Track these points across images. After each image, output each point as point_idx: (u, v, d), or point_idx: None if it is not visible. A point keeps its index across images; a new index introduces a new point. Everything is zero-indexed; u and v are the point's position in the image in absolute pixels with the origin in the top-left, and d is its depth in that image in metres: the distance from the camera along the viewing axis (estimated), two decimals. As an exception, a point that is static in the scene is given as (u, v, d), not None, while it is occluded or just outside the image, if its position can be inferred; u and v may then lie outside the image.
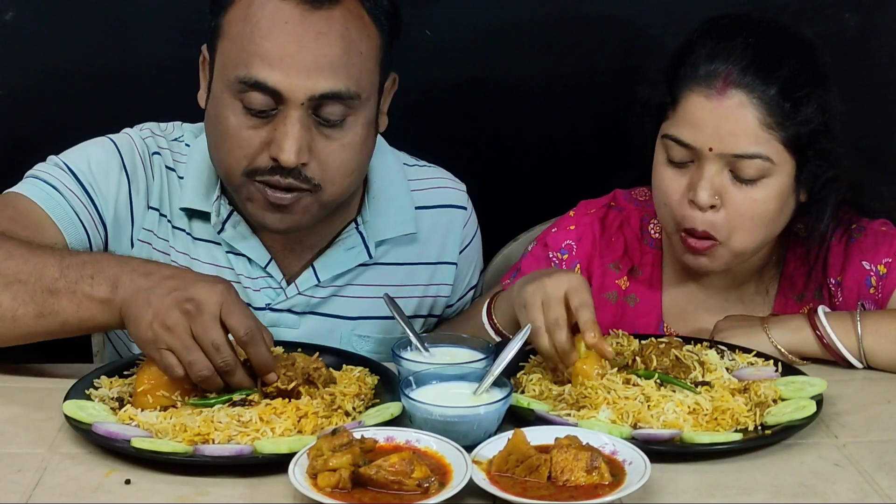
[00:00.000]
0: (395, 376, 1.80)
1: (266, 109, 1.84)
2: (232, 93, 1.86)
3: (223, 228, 2.01)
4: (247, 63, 1.83)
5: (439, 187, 2.16)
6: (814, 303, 2.06)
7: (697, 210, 1.94)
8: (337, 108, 1.86)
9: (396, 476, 1.47)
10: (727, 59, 1.91)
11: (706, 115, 1.91)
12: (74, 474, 1.57)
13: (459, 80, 2.50)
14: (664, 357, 1.79)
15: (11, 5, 2.40)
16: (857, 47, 2.50)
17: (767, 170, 1.92)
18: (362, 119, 1.90)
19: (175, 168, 2.04)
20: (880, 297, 2.05)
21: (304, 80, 1.82)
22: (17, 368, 1.90)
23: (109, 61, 2.44)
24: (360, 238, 2.06)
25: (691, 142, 1.93)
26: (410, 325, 1.87)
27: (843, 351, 1.91)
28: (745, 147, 1.90)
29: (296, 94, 1.83)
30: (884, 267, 2.05)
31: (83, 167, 1.97)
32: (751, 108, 1.90)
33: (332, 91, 1.84)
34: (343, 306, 2.08)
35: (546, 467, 1.51)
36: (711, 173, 1.92)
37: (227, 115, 1.87)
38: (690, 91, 1.93)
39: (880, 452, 1.65)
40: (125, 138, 2.04)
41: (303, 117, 1.84)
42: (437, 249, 2.14)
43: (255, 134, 1.86)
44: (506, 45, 2.48)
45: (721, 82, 1.90)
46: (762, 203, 1.93)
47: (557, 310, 1.77)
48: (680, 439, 1.63)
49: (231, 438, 1.61)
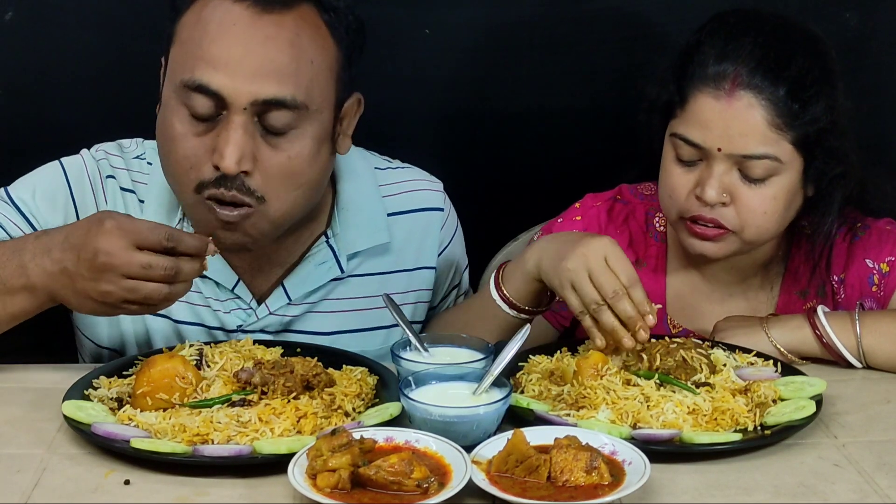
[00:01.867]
0: (395, 376, 1.79)
1: (210, 115, 1.79)
2: (178, 98, 1.81)
3: None
4: (192, 67, 1.79)
5: (413, 190, 2.10)
6: (816, 300, 2.07)
7: (705, 204, 1.95)
8: (282, 116, 1.80)
9: (396, 476, 1.47)
10: (736, 59, 1.92)
11: (715, 115, 1.92)
12: (73, 475, 1.57)
13: (459, 80, 2.50)
14: (669, 357, 1.78)
15: (11, 5, 2.40)
16: (858, 46, 2.50)
17: (776, 169, 1.93)
18: (311, 132, 1.84)
19: (134, 189, 1.99)
20: (883, 294, 2.06)
21: (247, 85, 1.77)
22: (17, 368, 1.90)
23: (109, 61, 2.44)
24: (330, 252, 2.00)
25: (700, 142, 1.93)
26: (410, 325, 1.86)
27: (842, 350, 1.91)
28: (753, 148, 1.91)
29: (238, 99, 1.77)
30: (887, 265, 2.06)
31: (27, 198, 1.94)
32: (759, 109, 1.90)
33: (277, 98, 1.79)
34: (318, 322, 2.03)
35: (546, 467, 1.51)
36: (720, 172, 1.93)
37: (174, 121, 1.82)
38: (699, 91, 1.93)
39: (880, 452, 1.65)
40: (76, 163, 1.99)
41: (246, 123, 1.78)
42: (414, 255, 2.08)
43: (200, 142, 1.80)
44: (506, 44, 2.48)
45: (730, 83, 1.91)
46: (771, 200, 1.95)
47: (611, 279, 1.77)
48: (679, 439, 1.63)
49: (230, 439, 1.61)
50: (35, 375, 1.88)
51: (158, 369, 1.70)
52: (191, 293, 1.96)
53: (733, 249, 2.00)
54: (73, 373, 1.81)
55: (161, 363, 1.71)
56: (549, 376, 1.82)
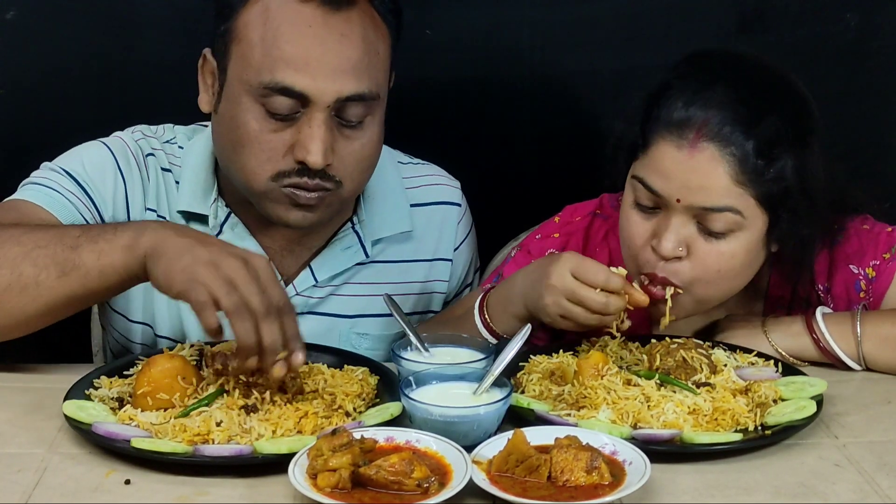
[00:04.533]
0: (395, 376, 1.80)
1: (290, 113, 1.85)
2: (253, 97, 1.85)
3: (221, 231, 2.01)
4: (271, 68, 1.83)
5: (434, 184, 2.17)
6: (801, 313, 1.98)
7: (660, 258, 1.87)
8: (359, 110, 1.87)
9: (396, 476, 1.47)
10: (704, 107, 1.81)
11: (675, 165, 1.82)
12: (74, 474, 1.57)
13: (459, 80, 2.50)
14: (669, 357, 1.78)
15: (12, 4, 2.40)
16: (858, 47, 2.50)
17: (737, 224, 1.83)
18: (378, 118, 1.92)
19: (171, 170, 2.03)
20: (871, 300, 2.01)
21: (330, 83, 1.83)
22: (17, 368, 1.90)
23: (109, 61, 2.45)
24: (356, 237, 2.06)
25: (659, 190, 1.84)
26: (411, 324, 1.87)
27: (842, 356, 1.90)
28: (714, 200, 1.81)
29: (323, 97, 1.83)
30: (872, 270, 2.01)
31: (78, 169, 1.97)
32: (722, 163, 1.80)
33: (357, 93, 1.85)
34: (341, 305, 2.08)
35: (546, 467, 1.51)
36: (678, 224, 1.84)
37: (248, 119, 1.86)
38: (661, 138, 1.83)
39: (880, 453, 1.65)
40: (117, 141, 2.03)
41: (327, 119, 1.85)
42: (433, 246, 2.14)
43: (278, 137, 1.86)
44: (506, 45, 2.48)
45: (694, 133, 1.80)
46: (729, 257, 1.85)
47: (588, 293, 1.79)
48: (680, 439, 1.63)
49: (231, 438, 1.61)
50: (36, 375, 1.89)
51: (159, 369, 1.70)
52: None
53: (687, 310, 1.90)
54: (74, 373, 1.81)
55: (162, 363, 1.72)
56: (549, 376, 1.82)
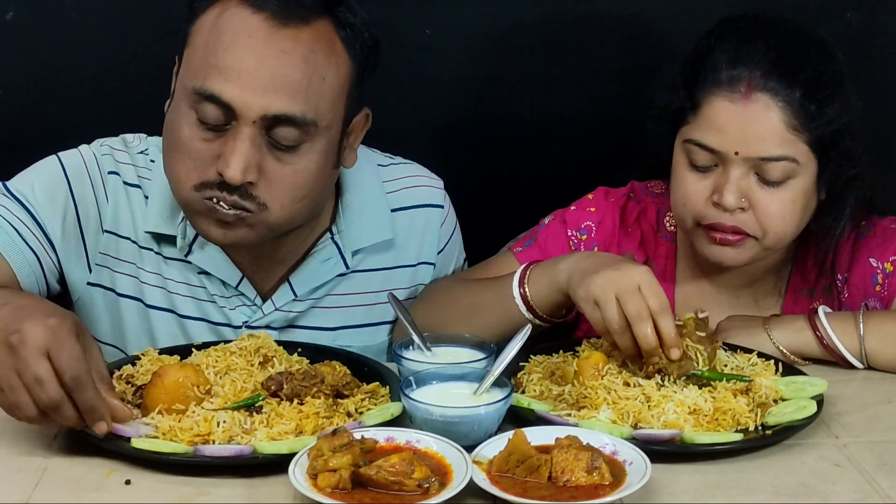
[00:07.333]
0: (396, 376, 1.79)
1: (219, 123, 1.78)
2: (189, 103, 1.80)
3: (190, 251, 1.97)
4: (205, 74, 1.78)
5: (415, 186, 2.10)
6: (822, 299, 2.07)
7: (724, 211, 1.94)
8: (291, 133, 1.79)
9: (397, 476, 1.47)
10: (750, 62, 1.91)
11: (731, 119, 1.91)
12: (74, 475, 1.57)
13: (459, 80, 2.50)
14: None
15: (12, 5, 2.40)
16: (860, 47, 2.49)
17: (793, 171, 1.92)
18: (319, 147, 1.83)
19: (140, 185, 1.99)
20: (886, 294, 2.05)
21: (258, 98, 1.76)
22: (18, 368, 1.90)
23: (110, 60, 2.44)
24: (335, 249, 2.01)
25: (717, 146, 1.92)
26: (414, 324, 1.87)
27: (844, 352, 1.91)
28: (771, 150, 1.90)
29: (248, 112, 1.76)
30: (891, 265, 2.05)
31: (28, 193, 1.93)
32: (776, 110, 1.90)
33: (287, 114, 1.78)
34: (322, 318, 2.04)
35: (546, 467, 1.51)
36: (737, 176, 1.92)
37: (182, 125, 1.81)
38: (713, 95, 1.92)
39: (881, 452, 1.65)
40: (75, 158, 1.98)
41: (254, 135, 1.77)
42: (416, 251, 2.09)
43: (206, 147, 1.80)
44: (506, 44, 2.48)
45: (745, 86, 1.90)
46: (790, 203, 1.94)
47: (638, 301, 1.73)
48: (680, 439, 1.63)
49: (231, 439, 1.61)
50: (36, 375, 1.88)
51: (172, 380, 1.68)
52: (196, 288, 1.97)
53: (752, 256, 1.98)
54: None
55: (174, 374, 1.69)
56: (549, 376, 1.82)
